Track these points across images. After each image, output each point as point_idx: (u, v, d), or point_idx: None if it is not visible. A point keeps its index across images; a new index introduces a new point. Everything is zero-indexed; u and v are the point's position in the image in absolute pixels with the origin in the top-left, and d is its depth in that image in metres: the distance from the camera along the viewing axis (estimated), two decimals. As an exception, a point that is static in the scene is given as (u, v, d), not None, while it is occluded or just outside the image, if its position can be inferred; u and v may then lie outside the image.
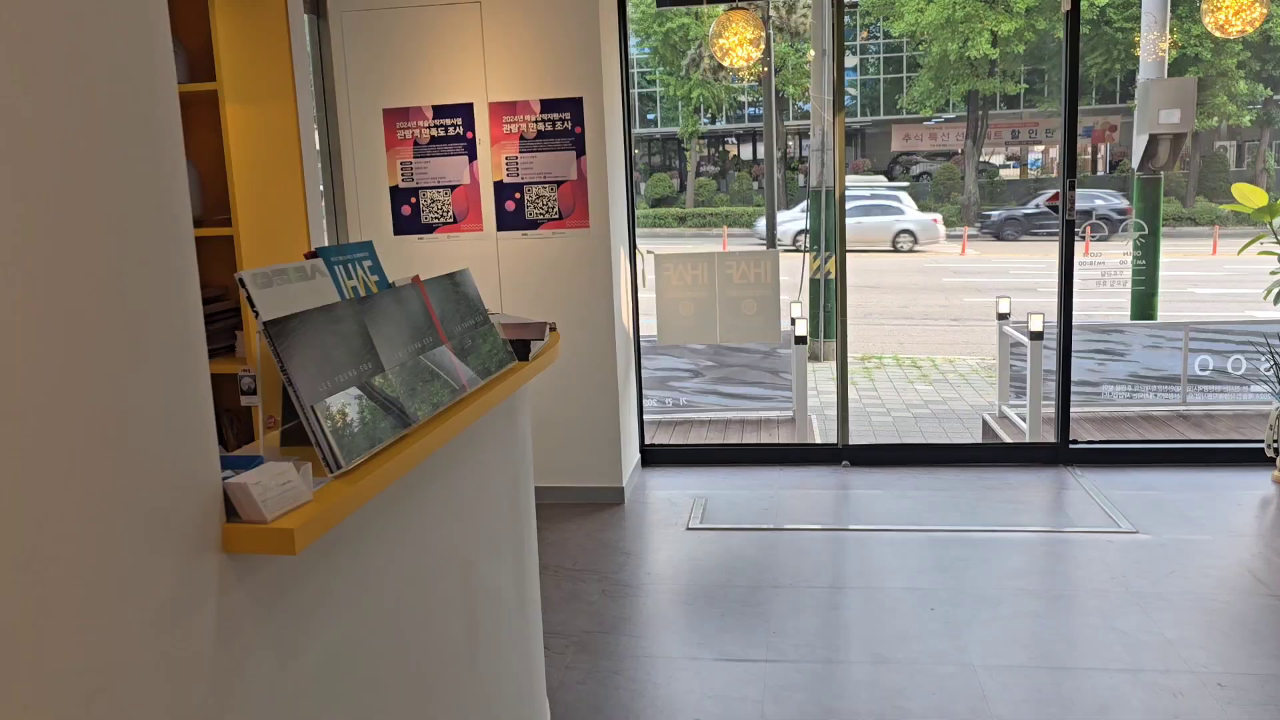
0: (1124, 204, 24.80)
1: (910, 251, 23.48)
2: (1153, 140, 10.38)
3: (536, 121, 4.79)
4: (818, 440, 7.00)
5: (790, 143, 30.52)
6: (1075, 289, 5.33)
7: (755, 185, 31.78)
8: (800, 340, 6.61)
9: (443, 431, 1.71)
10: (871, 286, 17.97)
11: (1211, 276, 18.50)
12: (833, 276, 12.64)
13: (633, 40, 31.93)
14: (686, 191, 32.09)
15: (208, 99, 2.98)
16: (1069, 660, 3.28)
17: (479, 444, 2.31)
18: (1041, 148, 35.11)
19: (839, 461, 5.54)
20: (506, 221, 4.89)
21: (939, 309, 15.70)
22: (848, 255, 5.53)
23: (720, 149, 36.69)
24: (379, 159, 4.93)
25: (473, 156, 4.86)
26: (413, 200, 4.94)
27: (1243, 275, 17.47)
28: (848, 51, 33.32)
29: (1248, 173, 29.12)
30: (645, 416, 7.61)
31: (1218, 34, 4.62)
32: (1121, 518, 4.55)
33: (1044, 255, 22.53)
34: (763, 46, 5.01)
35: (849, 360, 5.66)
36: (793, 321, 7.08)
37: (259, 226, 3.07)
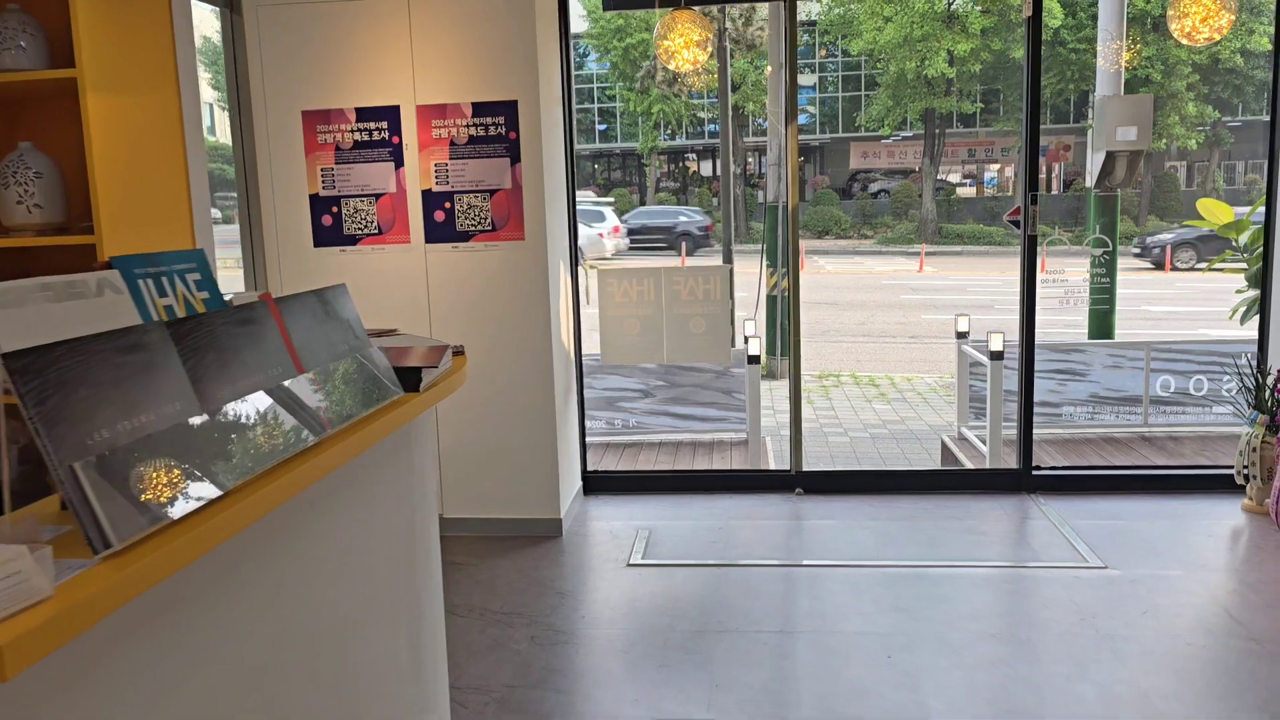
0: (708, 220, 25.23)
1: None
2: (1110, 157, 10.24)
3: (468, 126, 4.43)
4: (771, 464, 6.69)
5: (750, 159, 30.40)
6: (1037, 307, 5.06)
7: (714, 201, 31.61)
8: (753, 360, 6.29)
9: (274, 492, 1.35)
10: (830, 303, 17.78)
11: (1164, 294, 18.53)
12: (789, 292, 12.40)
13: (592, 56, 31.75)
14: (646, 206, 31.83)
15: (71, 88, 2.59)
16: (1038, 714, 2.97)
17: (356, 490, 1.94)
18: (997, 166, 35.34)
19: (792, 489, 5.22)
20: (436, 233, 4.53)
21: (897, 326, 15.52)
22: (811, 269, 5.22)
23: (680, 164, 36.51)
24: (298, 165, 4.55)
25: (399, 163, 4.50)
26: (334, 209, 4.56)
27: (1197, 293, 17.51)
28: (806, 70, 33.38)
29: (1198, 193, 29.44)
30: (591, 439, 7.26)
31: (1185, 42, 4.39)
32: (1089, 550, 4.26)
33: (1000, 273, 22.52)
34: (711, 50, 4.71)
35: (805, 379, 5.35)
36: (746, 340, 6.77)
37: (131, 234, 2.69)
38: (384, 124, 4.48)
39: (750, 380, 6.44)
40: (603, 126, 34.48)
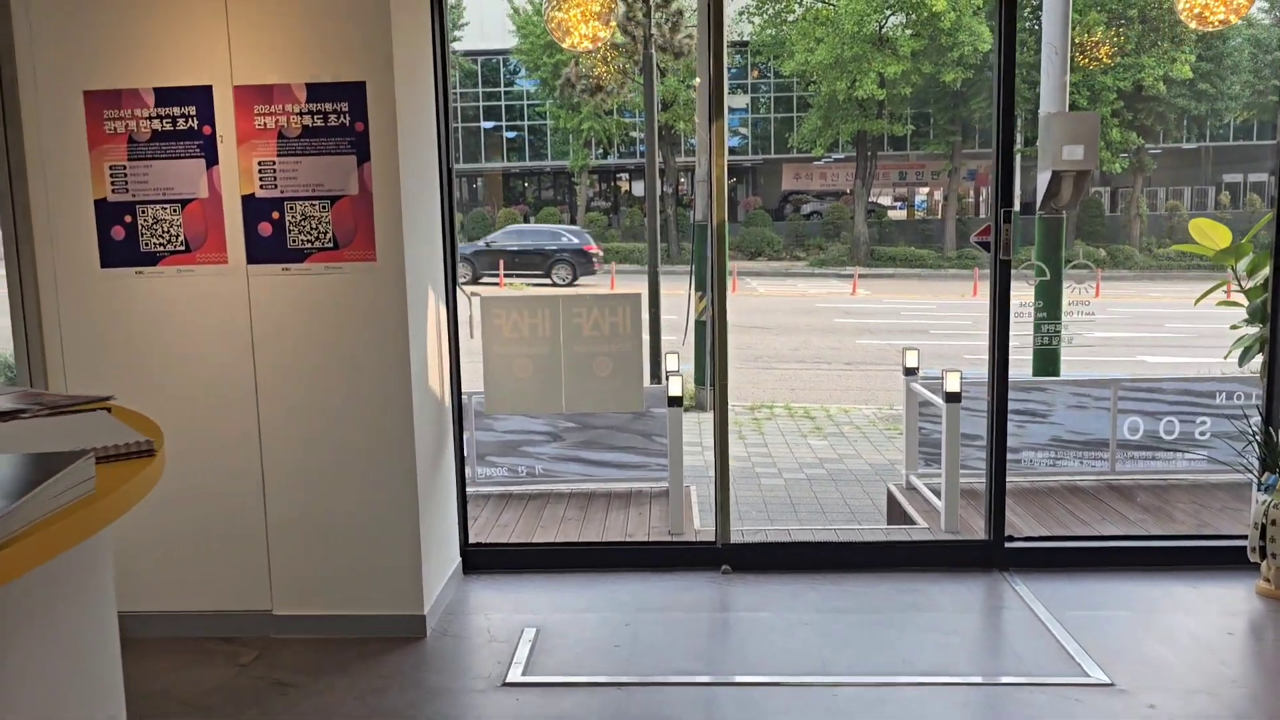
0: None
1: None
2: (1055, 177, 9.54)
3: (302, 113, 3.39)
4: (697, 519, 5.71)
5: (682, 178, 29.64)
6: (1010, 345, 4.17)
7: (646, 221, 30.76)
8: (675, 402, 5.31)
9: None
10: (762, 327, 16.96)
11: (1099, 320, 18.09)
12: (704, 319, 11.49)
13: (521, 72, 30.74)
14: (577, 227, 30.83)
15: None
16: None
17: None
18: (927, 189, 35.14)
19: (718, 565, 4.24)
20: (261, 251, 3.46)
21: (831, 352, 14.74)
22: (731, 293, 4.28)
23: (612, 184, 35.62)
24: (79, 161, 3.45)
25: (212, 160, 3.43)
26: (128, 219, 3.47)
27: (1136, 319, 17.07)
28: (739, 90, 32.79)
29: (1121, 218, 29.47)
30: (489, 489, 6.21)
31: (1195, 26, 3.56)
32: (1085, 657, 3.35)
33: (933, 296, 21.99)
34: (614, 25, 3.73)
35: (737, 410, 4.38)
36: (667, 376, 5.78)
37: None
38: (191, 109, 3.41)
39: (672, 426, 5.45)
40: (516, 135, 33.53)
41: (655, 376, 10.87)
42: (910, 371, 6.11)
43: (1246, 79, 27.25)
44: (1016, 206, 4.01)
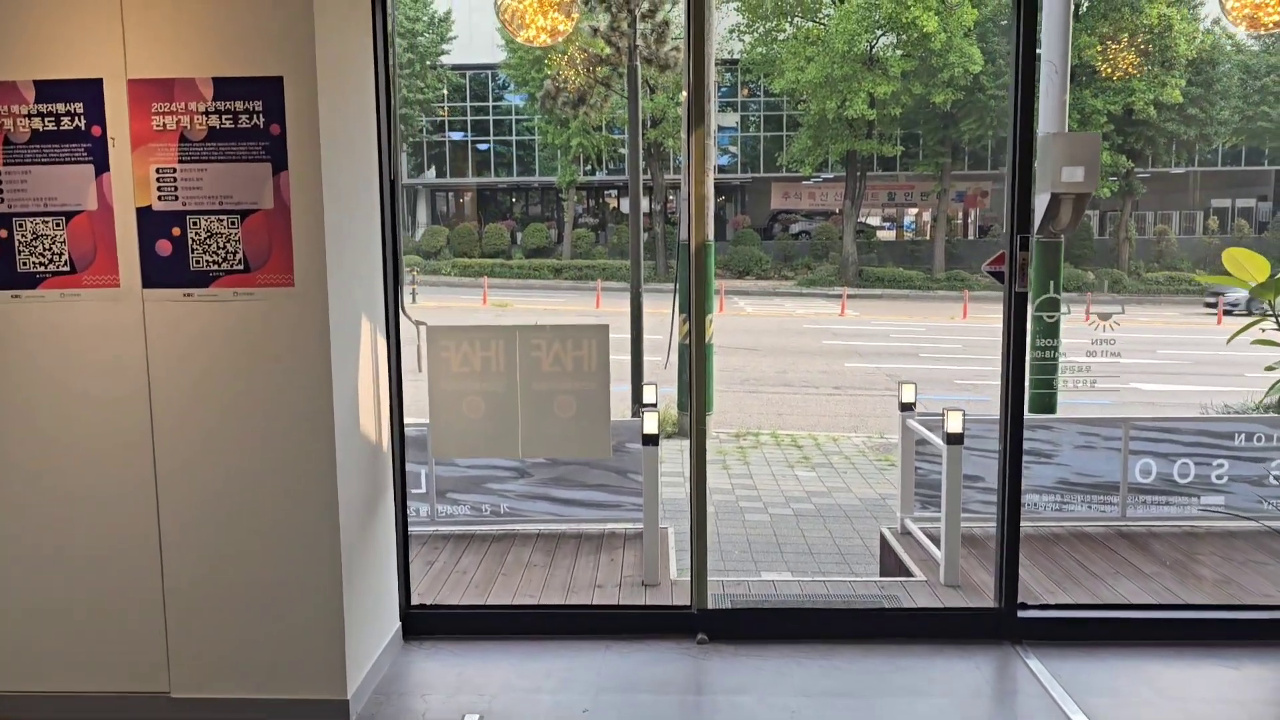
0: None
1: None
2: (1054, 200, 9.08)
3: (208, 113, 2.87)
4: (671, 568, 5.18)
5: (670, 196, 29.21)
6: (1025, 386, 3.66)
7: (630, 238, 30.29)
8: (651, 440, 4.79)
9: None
10: (749, 349, 16.47)
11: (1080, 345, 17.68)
12: (688, 343, 10.98)
13: (510, 86, 30.29)
14: (564, 243, 30.37)
15: None
16: None
17: None
18: (915, 210, 34.82)
19: (693, 633, 3.70)
20: (158, 272, 2.93)
21: (820, 375, 14.25)
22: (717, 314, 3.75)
23: (600, 200, 35.16)
24: (-53, 165, 2.92)
25: (102, 166, 2.90)
26: (2, 234, 2.94)
27: (1127, 345, 16.61)
28: (729, 109, 32.41)
29: (1110, 241, 29.17)
30: (451, 529, 5.68)
31: (1246, 28, 3.08)
32: (1120, 761, 2.83)
33: (922, 318, 21.57)
34: (576, 17, 3.23)
35: (722, 438, 3.85)
36: (643, 409, 5.26)
37: None
38: (78, 107, 2.88)
39: (647, 467, 4.92)
40: (482, 141, 33.09)
41: (636, 397, 10.36)
42: (906, 407, 5.60)
43: (1236, 104, 27.03)
44: (1034, 232, 3.52)
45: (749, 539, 7.03)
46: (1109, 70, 24.50)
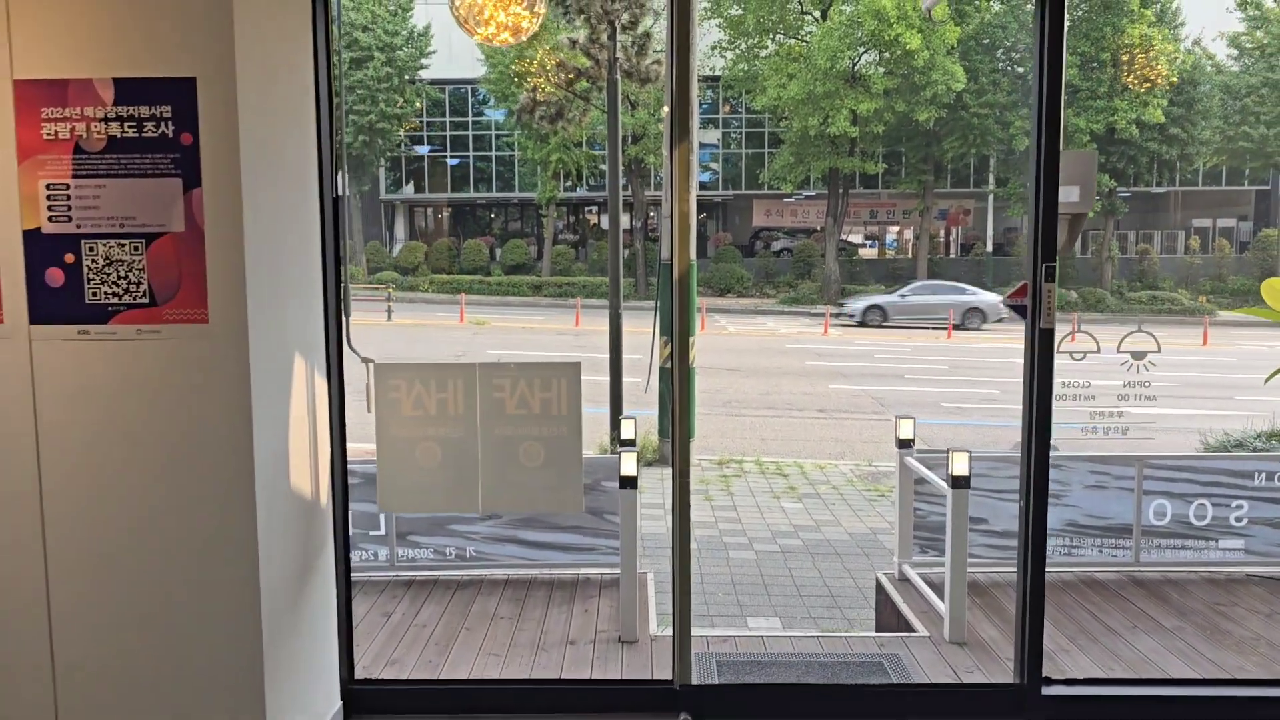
0: None
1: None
2: (1049, 220, 8.77)
3: (107, 119, 2.43)
4: (651, 621, 4.75)
5: (652, 212, 28.87)
6: (1051, 437, 3.26)
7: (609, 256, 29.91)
8: (628, 483, 4.37)
9: None
10: (731, 369, 16.08)
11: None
12: (669, 366, 10.55)
13: (490, 101, 29.89)
14: (543, 260, 29.93)
15: None
16: None
17: None
18: (898, 228, 34.65)
19: (675, 712, 3.26)
20: (49, 306, 2.49)
21: (804, 398, 13.87)
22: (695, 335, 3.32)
23: (580, 217, 34.77)
24: None
25: (-19, 180, 2.46)
26: None
27: (1112, 366, 16.35)
28: (710, 125, 32.14)
29: (1092, 260, 29.04)
30: (413, 574, 5.23)
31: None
32: None
33: (906, 338, 21.26)
34: (543, 11, 2.81)
35: (704, 466, 3.43)
36: (620, 445, 4.84)
37: None
38: (-48, 110, 2.44)
39: (625, 512, 4.49)
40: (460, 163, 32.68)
41: (616, 422, 9.94)
42: (905, 444, 5.20)
43: (1217, 125, 27.00)
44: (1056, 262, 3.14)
45: (733, 579, 6.60)
46: (1135, 82, 24.39)
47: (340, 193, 3.10)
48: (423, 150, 28.38)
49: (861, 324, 23.13)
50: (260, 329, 2.54)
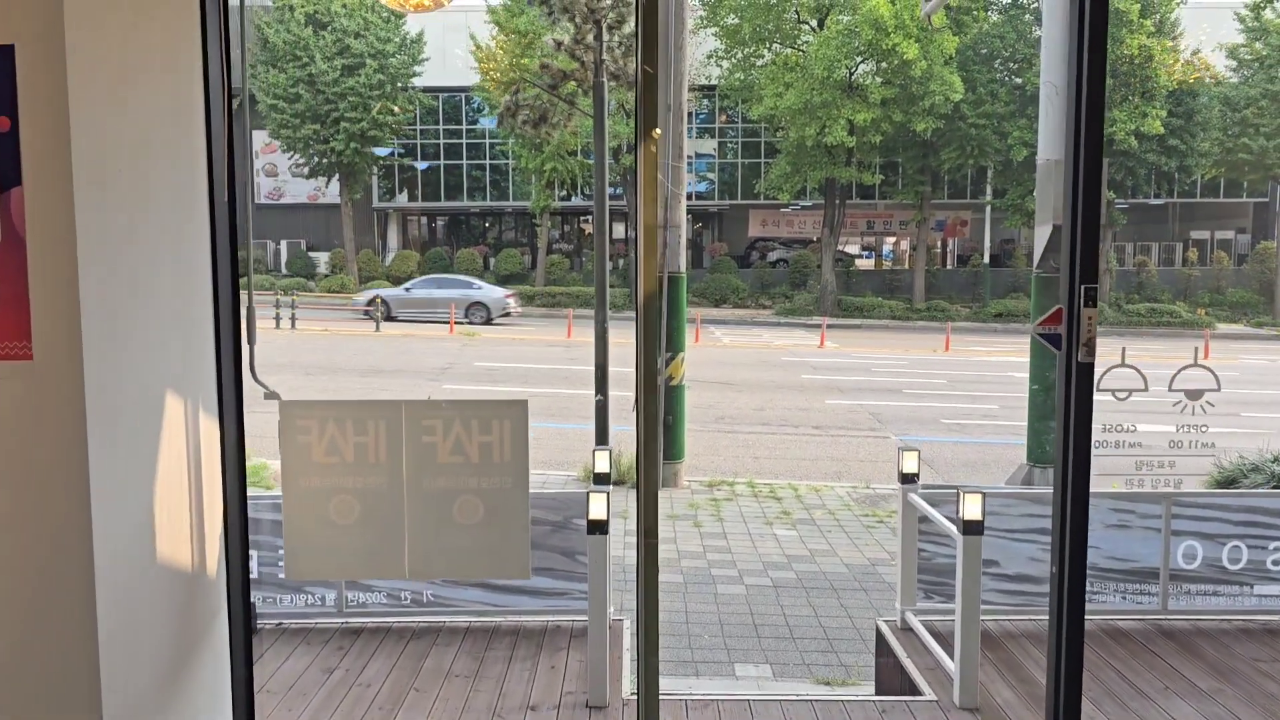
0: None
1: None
2: (1057, 232, 8.21)
3: (-98, 98, 1.88)
4: (625, 681, 4.19)
5: (646, 223, 28.30)
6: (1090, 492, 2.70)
7: (611, 265, 29.40)
8: (597, 528, 3.81)
9: None
10: (724, 383, 15.53)
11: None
12: (675, 381, 10.00)
13: (485, 110, 29.36)
14: (537, 269, 29.39)
15: None
16: None
17: None
18: (894, 239, 34.14)
19: (640, 819, 2.70)
20: None
21: (799, 413, 13.31)
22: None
23: (575, 226, 34.25)
24: None
25: None
26: None
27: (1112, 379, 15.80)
28: (706, 135, 31.64)
29: (1090, 272, 28.46)
30: (364, 621, 4.66)
31: None
32: None
33: (904, 351, 20.73)
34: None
35: (694, 489, 2.90)
36: (595, 482, 4.30)
37: None
38: None
39: (593, 559, 3.93)
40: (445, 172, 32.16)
41: (601, 437, 9.39)
42: (908, 479, 4.64)
43: (1216, 136, 26.53)
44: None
45: (721, 618, 6.04)
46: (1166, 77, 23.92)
47: (237, 193, 2.55)
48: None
49: (367, 316, 22.25)
50: (106, 364, 1.99)
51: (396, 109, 26.10)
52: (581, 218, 33.58)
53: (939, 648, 4.27)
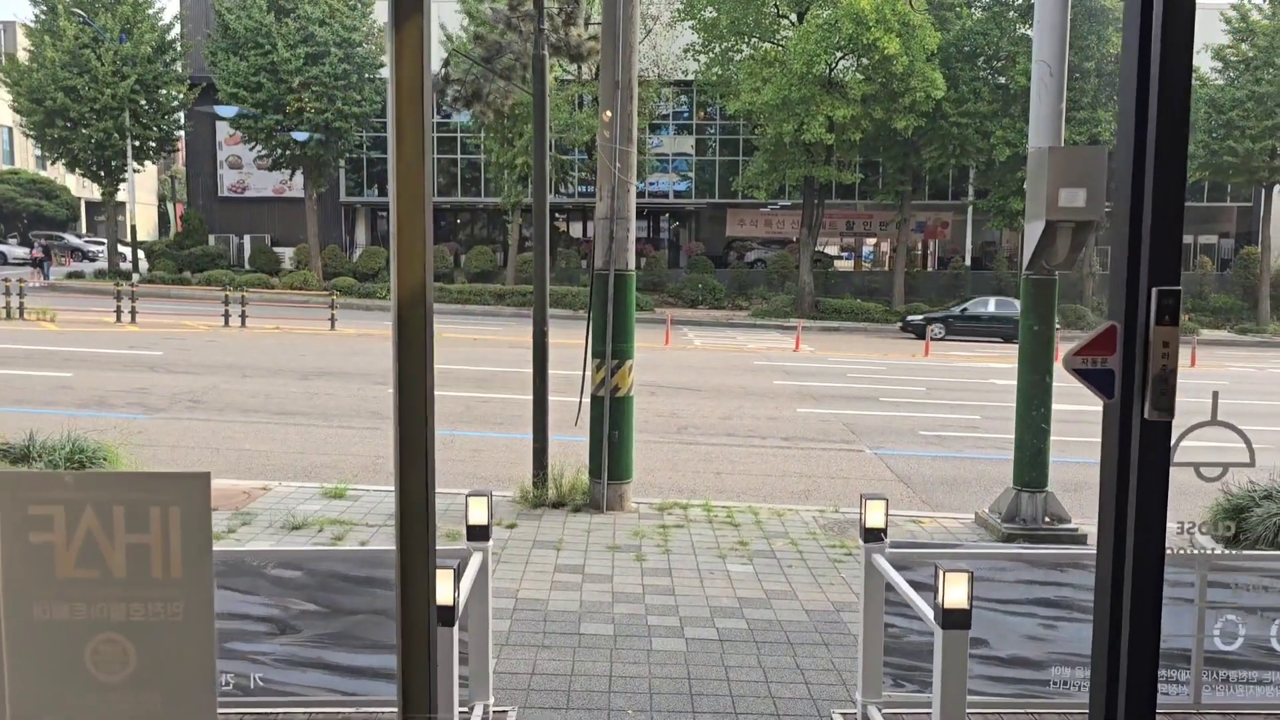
0: None
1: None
2: (1049, 229, 7.17)
3: None
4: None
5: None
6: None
7: (583, 264, 28.30)
8: (447, 617, 2.70)
9: None
10: (690, 389, 14.44)
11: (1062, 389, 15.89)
12: (622, 392, 8.91)
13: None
14: (508, 267, 28.24)
15: None
16: None
17: None
18: (874, 240, 33.16)
19: None
20: None
21: (768, 423, 12.23)
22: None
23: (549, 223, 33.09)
24: None
25: None
26: None
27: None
28: (684, 132, 30.57)
29: (1073, 275, 27.62)
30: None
31: None
32: None
33: (881, 355, 19.70)
34: None
35: (644, 511, 1.96)
36: (469, 539, 3.20)
37: None
38: None
39: (443, 658, 2.82)
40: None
41: (539, 460, 8.30)
42: (873, 535, 3.55)
43: (1201, 139, 25.64)
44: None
45: (652, 684, 4.93)
46: None
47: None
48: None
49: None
50: None
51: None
52: (555, 214, 32.45)
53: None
